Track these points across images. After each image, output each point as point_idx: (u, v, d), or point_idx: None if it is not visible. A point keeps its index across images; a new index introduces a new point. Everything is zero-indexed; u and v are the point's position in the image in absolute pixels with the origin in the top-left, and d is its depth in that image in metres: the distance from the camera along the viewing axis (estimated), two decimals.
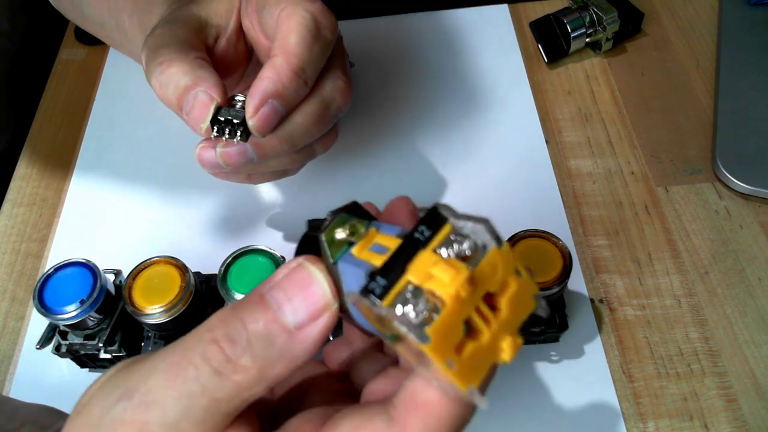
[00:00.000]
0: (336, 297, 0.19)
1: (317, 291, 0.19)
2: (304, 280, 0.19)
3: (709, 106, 0.51)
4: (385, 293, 0.18)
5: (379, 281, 0.18)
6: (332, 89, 0.35)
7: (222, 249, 0.45)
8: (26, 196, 0.50)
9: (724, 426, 0.37)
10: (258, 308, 0.19)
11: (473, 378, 0.18)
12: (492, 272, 0.18)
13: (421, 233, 0.19)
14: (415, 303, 0.17)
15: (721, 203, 0.45)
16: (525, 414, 0.38)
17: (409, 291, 0.18)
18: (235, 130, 0.33)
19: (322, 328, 0.19)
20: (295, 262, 0.20)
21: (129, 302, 0.35)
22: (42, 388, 0.41)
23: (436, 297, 0.18)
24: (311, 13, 0.33)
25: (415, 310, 0.17)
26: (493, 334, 0.18)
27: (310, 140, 0.36)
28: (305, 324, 0.19)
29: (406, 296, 0.18)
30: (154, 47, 0.34)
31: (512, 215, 0.45)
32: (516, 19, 0.58)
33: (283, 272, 0.20)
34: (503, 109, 0.52)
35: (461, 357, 0.18)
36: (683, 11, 0.57)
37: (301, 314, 0.19)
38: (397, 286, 0.18)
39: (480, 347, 0.18)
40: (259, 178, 0.39)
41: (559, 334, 0.39)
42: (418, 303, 0.17)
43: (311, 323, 0.19)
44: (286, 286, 0.19)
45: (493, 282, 0.18)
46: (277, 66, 0.32)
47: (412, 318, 0.17)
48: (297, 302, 0.19)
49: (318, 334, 0.19)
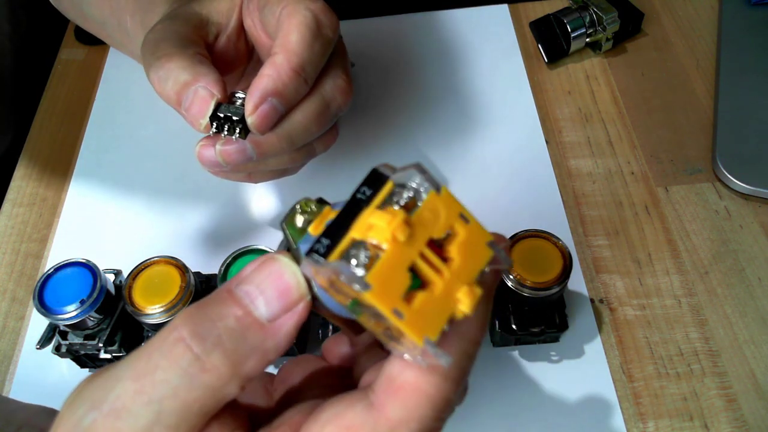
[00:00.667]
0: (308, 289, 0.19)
1: (290, 281, 0.19)
2: (276, 271, 0.19)
3: (709, 106, 0.51)
4: (329, 252, 0.18)
5: (323, 241, 0.18)
6: (332, 88, 0.35)
7: (222, 249, 0.45)
8: (26, 196, 0.50)
9: (724, 426, 0.37)
10: (227, 303, 0.19)
11: (429, 329, 0.18)
12: (433, 217, 0.18)
13: (363, 194, 0.19)
14: (357, 255, 0.17)
15: (721, 203, 0.45)
16: (525, 414, 0.38)
17: (352, 247, 0.18)
18: (234, 127, 0.33)
19: (297, 318, 0.19)
20: (263, 257, 0.20)
21: (129, 302, 0.35)
22: (42, 388, 0.41)
23: (376, 246, 0.18)
24: (313, 12, 0.33)
25: (357, 261, 0.17)
26: (446, 284, 0.18)
27: (309, 139, 0.35)
28: (278, 316, 0.19)
29: (350, 252, 0.18)
30: (153, 42, 0.34)
31: (512, 215, 0.45)
32: (516, 19, 0.58)
33: (251, 267, 0.20)
34: (503, 109, 0.52)
35: (412, 307, 0.17)
36: (683, 11, 0.57)
37: (275, 306, 0.19)
38: (342, 244, 0.18)
39: (432, 297, 0.18)
40: (259, 177, 0.39)
41: (559, 334, 0.39)
42: (360, 254, 0.17)
43: (284, 315, 0.19)
44: (256, 278, 0.19)
45: (437, 228, 0.18)
46: (278, 64, 0.32)
47: (355, 271, 0.17)
48: (269, 294, 0.19)
49: (292, 325, 0.19)
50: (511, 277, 0.35)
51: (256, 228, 0.46)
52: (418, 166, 0.19)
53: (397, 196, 0.19)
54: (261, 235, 0.46)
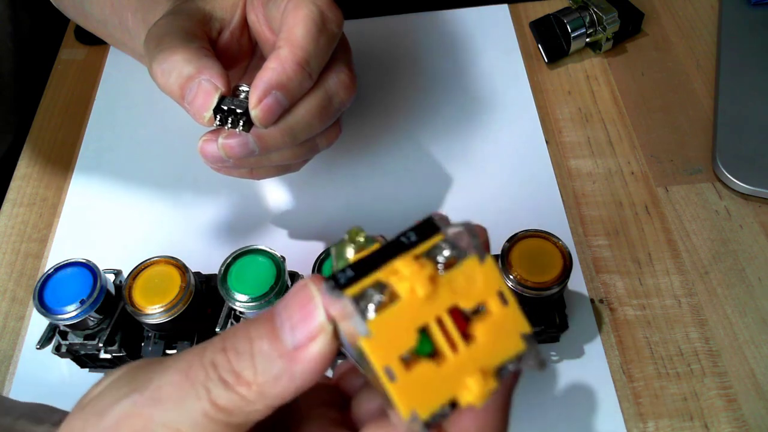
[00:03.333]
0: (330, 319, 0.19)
1: (314, 311, 0.19)
2: (305, 299, 0.19)
3: (709, 106, 0.51)
4: (348, 284, 0.16)
5: (348, 273, 0.17)
6: (336, 83, 0.35)
7: (222, 249, 0.45)
8: (26, 196, 0.50)
9: (724, 426, 0.37)
10: (266, 326, 0.19)
11: (420, 404, 0.16)
12: (467, 286, 0.17)
13: (407, 238, 0.17)
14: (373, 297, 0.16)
15: (721, 203, 0.45)
16: (525, 414, 0.38)
17: (375, 288, 0.16)
18: (237, 120, 0.32)
19: (318, 350, 0.18)
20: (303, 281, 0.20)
21: (129, 302, 0.35)
22: (42, 388, 0.41)
23: (393, 292, 0.16)
24: (318, 6, 0.33)
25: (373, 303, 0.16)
26: (458, 362, 0.16)
27: (312, 134, 0.35)
28: (303, 345, 0.18)
29: (369, 292, 0.16)
30: (157, 36, 0.34)
31: (512, 215, 0.45)
32: (516, 19, 0.58)
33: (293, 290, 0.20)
34: (503, 110, 0.52)
35: (410, 373, 0.16)
36: (683, 11, 0.57)
37: (299, 335, 0.18)
38: (364, 281, 0.16)
39: (437, 372, 0.16)
40: (261, 173, 0.39)
41: (559, 334, 0.39)
42: (374, 296, 0.16)
43: (309, 344, 0.18)
44: (289, 304, 0.19)
45: (467, 297, 0.17)
46: (282, 57, 0.32)
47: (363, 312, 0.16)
48: (296, 322, 0.19)
49: (314, 355, 0.18)
50: (511, 277, 0.35)
51: (257, 228, 0.46)
52: (468, 226, 0.17)
53: (439, 251, 0.17)
54: (261, 235, 0.46)
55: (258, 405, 0.19)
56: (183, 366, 0.19)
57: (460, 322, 0.17)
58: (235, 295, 0.35)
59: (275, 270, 0.36)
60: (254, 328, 0.19)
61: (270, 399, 0.19)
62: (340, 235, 0.19)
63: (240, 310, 0.35)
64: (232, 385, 0.18)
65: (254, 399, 0.18)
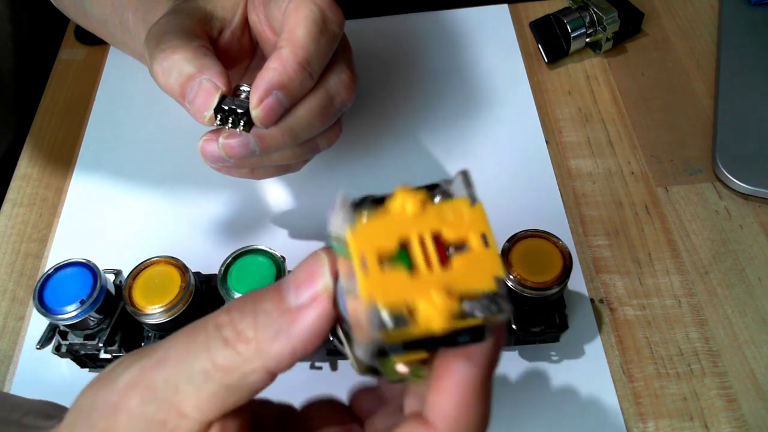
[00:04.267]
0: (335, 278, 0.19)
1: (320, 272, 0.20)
2: (314, 263, 0.20)
3: (709, 106, 0.51)
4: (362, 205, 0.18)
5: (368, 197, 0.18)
6: (337, 83, 0.35)
7: (222, 249, 0.45)
8: (26, 196, 0.50)
9: (724, 426, 0.37)
10: (271, 289, 0.20)
11: (383, 298, 0.16)
12: (455, 218, 0.18)
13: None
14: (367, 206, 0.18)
15: (721, 203, 0.45)
16: (525, 414, 0.38)
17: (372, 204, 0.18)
18: (238, 119, 0.32)
19: (318, 312, 0.19)
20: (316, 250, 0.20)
21: (129, 302, 0.35)
22: (42, 388, 0.41)
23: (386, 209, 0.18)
24: (319, 7, 0.33)
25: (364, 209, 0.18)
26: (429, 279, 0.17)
27: (313, 134, 0.35)
28: (305, 305, 0.19)
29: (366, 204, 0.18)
30: (157, 35, 0.34)
31: (512, 215, 0.45)
32: (516, 19, 0.58)
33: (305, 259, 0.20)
34: (503, 109, 0.52)
35: (383, 271, 0.17)
36: (683, 11, 0.57)
37: (303, 294, 0.19)
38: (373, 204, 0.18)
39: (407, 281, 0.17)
40: (262, 173, 0.39)
41: (559, 334, 0.39)
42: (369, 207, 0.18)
43: (310, 304, 0.19)
44: (297, 270, 0.20)
45: (452, 228, 0.18)
46: (284, 57, 0.32)
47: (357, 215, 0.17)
48: (301, 282, 0.20)
49: (315, 315, 0.19)
50: (511, 277, 0.35)
51: (257, 228, 0.46)
52: (465, 173, 0.18)
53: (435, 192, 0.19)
54: (262, 235, 0.46)
55: (255, 363, 0.19)
56: (188, 329, 0.20)
57: (441, 249, 0.18)
58: (235, 295, 0.35)
59: (275, 270, 0.36)
60: (260, 292, 0.20)
61: (267, 357, 0.19)
62: None
63: None
64: (232, 343, 0.19)
65: (251, 357, 0.19)
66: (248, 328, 0.19)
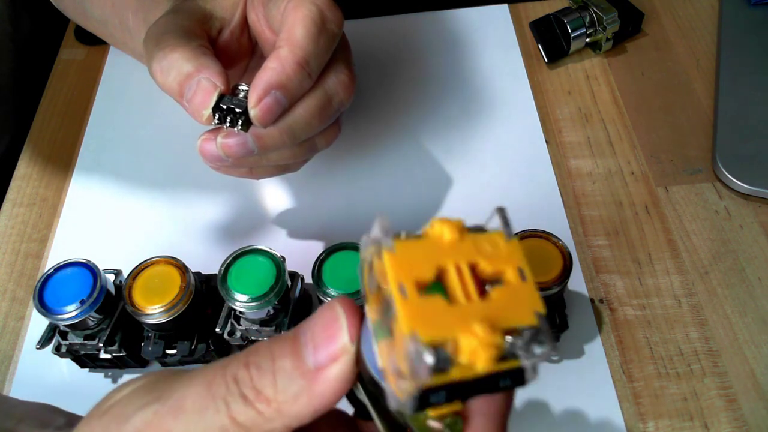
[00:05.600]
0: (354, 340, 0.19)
1: (338, 333, 0.19)
2: (330, 320, 0.19)
3: (709, 106, 0.51)
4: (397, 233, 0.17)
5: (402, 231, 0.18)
6: (335, 83, 0.35)
7: (222, 249, 0.45)
8: (26, 196, 0.50)
9: (724, 426, 0.37)
10: (289, 344, 0.19)
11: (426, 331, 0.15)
12: (491, 250, 0.17)
13: None
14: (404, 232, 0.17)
15: (721, 203, 0.45)
16: (525, 414, 0.38)
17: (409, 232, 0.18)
18: (236, 119, 0.32)
19: (339, 371, 0.18)
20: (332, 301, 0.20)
21: (129, 302, 0.35)
22: (42, 388, 0.41)
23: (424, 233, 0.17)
24: (318, 6, 0.34)
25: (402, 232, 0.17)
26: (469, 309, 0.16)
27: (311, 133, 0.35)
28: (324, 365, 0.18)
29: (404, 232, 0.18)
30: (156, 34, 0.34)
31: (512, 215, 0.44)
32: (516, 19, 0.58)
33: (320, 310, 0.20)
34: (503, 109, 0.52)
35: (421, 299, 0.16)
36: (683, 11, 0.57)
37: (321, 355, 0.19)
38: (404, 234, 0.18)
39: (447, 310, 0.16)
40: (261, 173, 0.39)
41: (559, 334, 0.39)
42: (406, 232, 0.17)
43: (330, 365, 0.18)
44: (314, 324, 0.19)
45: (489, 259, 0.17)
46: (282, 57, 0.32)
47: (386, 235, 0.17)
48: (320, 342, 0.19)
49: (335, 376, 0.18)
50: None
51: (257, 228, 0.46)
52: (502, 210, 0.18)
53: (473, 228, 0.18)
54: (261, 235, 0.46)
55: (276, 423, 0.18)
56: (206, 379, 0.19)
57: (477, 280, 0.17)
58: (235, 295, 0.35)
59: (275, 270, 0.36)
60: (278, 345, 0.19)
61: (288, 418, 0.18)
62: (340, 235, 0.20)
63: (240, 310, 0.35)
64: (252, 401, 0.18)
65: (272, 417, 0.18)
66: (267, 387, 0.19)
